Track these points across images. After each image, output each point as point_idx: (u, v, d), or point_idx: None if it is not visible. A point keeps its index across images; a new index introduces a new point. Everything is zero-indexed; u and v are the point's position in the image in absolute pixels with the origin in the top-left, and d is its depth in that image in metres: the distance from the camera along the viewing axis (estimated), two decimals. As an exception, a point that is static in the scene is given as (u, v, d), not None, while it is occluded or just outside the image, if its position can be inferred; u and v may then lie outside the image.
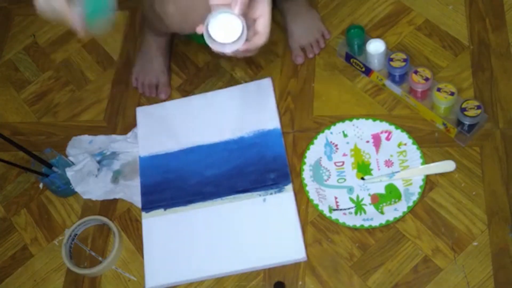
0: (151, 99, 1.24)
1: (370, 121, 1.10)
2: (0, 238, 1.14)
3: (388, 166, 1.06)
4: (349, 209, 1.03)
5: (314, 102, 1.17)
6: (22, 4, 1.48)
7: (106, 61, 1.33)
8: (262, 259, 1.01)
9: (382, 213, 1.02)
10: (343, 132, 1.11)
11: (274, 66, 1.23)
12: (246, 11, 0.72)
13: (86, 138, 1.21)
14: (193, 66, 1.27)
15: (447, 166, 1.03)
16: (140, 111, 1.21)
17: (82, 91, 1.30)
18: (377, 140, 1.09)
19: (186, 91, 1.24)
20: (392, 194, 1.03)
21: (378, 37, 1.15)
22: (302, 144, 1.12)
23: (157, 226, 1.07)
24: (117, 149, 1.18)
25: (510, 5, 1.20)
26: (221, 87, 1.21)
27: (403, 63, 1.07)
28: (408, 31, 1.21)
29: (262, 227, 1.03)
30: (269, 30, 0.75)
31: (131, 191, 1.13)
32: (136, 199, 1.12)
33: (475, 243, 0.97)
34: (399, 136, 1.08)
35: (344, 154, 1.09)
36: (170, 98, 1.24)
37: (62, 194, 1.15)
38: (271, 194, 1.06)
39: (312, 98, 1.18)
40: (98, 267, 1.04)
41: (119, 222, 1.11)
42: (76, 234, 1.11)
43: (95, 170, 1.14)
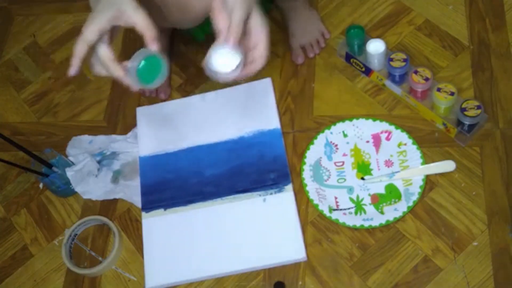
0: (151, 99, 1.24)
1: (370, 121, 1.10)
2: (0, 238, 1.14)
3: (388, 166, 1.06)
4: (349, 209, 1.03)
5: (314, 102, 1.17)
6: (22, 4, 1.48)
7: (106, 61, 1.33)
8: (262, 259, 1.01)
9: (382, 213, 1.02)
10: (343, 132, 1.11)
11: (274, 66, 1.23)
12: (242, 41, 0.78)
13: (86, 138, 1.21)
14: (193, 66, 1.27)
15: (447, 166, 1.03)
16: (140, 111, 1.21)
17: (82, 91, 1.30)
18: (377, 140, 1.09)
19: (186, 91, 1.24)
20: (392, 194, 1.03)
21: (378, 37, 1.15)
22: (302, 144, 1.12)
23: (157, 226, 1.07)
24: (117, 149, 1.18)
25: (510, 5, 1.21)
26: (221, 87, 1.21)
27: (403, 63, 1.07)
28: (408, 31, 1.21)
29: (262, 227, 1.03)
30: (266, 56, 0.79)
31: (131, 191, 1.13)
32: (136, 199, 1.12)
33: (475, 243, 0.97)
34: (399, 136, 1.08)
35: (344, 154, 1.09)
36: (170, 98, 1.24)
37: (62, 194, 1.15)
38: (271, 194, 1.06)
39: (312, 98, 1.18)
40: (98, 267, 1.04)
41: (119, 222, 1.11)
42: (76, 234, 1.11)
43: (95, 170, 1.14)
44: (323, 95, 1.17)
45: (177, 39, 1.31)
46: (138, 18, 0.75)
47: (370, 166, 1.07)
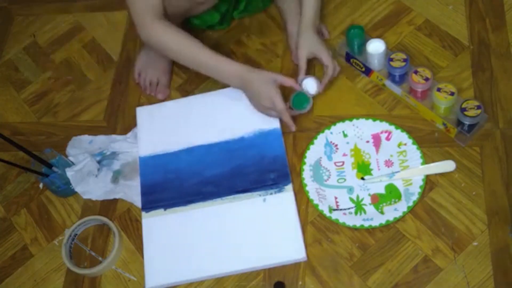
0: (151, 99, 1.24)
1: (370, 121, 1.10)
2: (0, 238, 1.14)
3: (388, 166, 1.06)
4: (349, 209, 1.03)
5: (314, 102, 1.17)
6: (22, 4, 1.48)
7: (106, 61, 1.33)
8: (262, 259, 1.01)
9: (382, 213, 1.02)
10: (343, 132, 1.11)
11: (274, 66, 1.23)
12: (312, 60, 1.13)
13: (86, 138, 1.21)
14: (193, 66, 1.27)
15: (447, 166, 1.03)
16: (140, 111, 1.21)
17: (82, 91, 1.30)
18: (377, 140, 1.09)
19: (186, 91, 1.24)
20: (392, 194, 1.03)
21: (378, 37, 1.15)
22: (302, 144, 1.12)
23: (157, 226, 1.07)
24: (117, 149, 1.18)
25: (510, 5, 1.21)
26: (221, 87, 1.21)
27: (403, 63, 1.07)
28: (408, 31, 1.21)
29: (262, 227, 1.03)
30: (332, 61, 1.09)
31: (131, 191, 1.13)
32: (136, 199, 1.12)
33: (475, 243, 0.97)
34: (399, 136, 1.08)
35: (344, 154, 1.09)
36: (170, 98, 1.24)
37: (62, 194, 1.15)
38: (271, 194, 1.06)
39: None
40: (98, 267, 1.04)
41: (119, 222, 1.11)
42: (76, 234, 1.11)
43: (95, 170, 1.14)
44: (323, 95, 1.17)
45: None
46: (285, 80, 1.06)
47: (370, 166, 1.07)
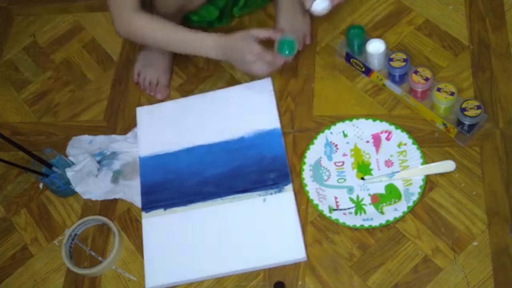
0: (151, 99, 1.24)
1: (370, 121, 1.10)
2: (0, 238, 1.14)
3: (388, 166, 1.06)
4: (349, 209, 1.03)
5: (314, 102, 1.17)
6: (22, 4, 1.48)
7: (106, 61, 1.33)
8: (262, 259, 1.01)
9: (382, 213, 1.02)
10: (343, 132, 1.11)
11: (274, 66, 1.23)
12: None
13: (86, 138, 1.21)
14: (193, 66, 1.27)
15: (447, 166, 1.03)
16: (140, 111, 1.21)
17: (82, 91, 1.30)
18: (377, 140, 1.09)
19: (186, 91, 1.24)
20: (392, 194, 1.03)
21: (378, 37, 1.15)
22: (302, 144, 1.12)
23: (157, 226, 1.07)
24: (117, 149, 1.18)
25: (510, 5, 1.20)
26: (221, 87, 1.21)
27: (403, 63, 1.07)
28: (408, 31, 1.21)
29: (262, 227, 1.03)
30: None
31: (131, 191, 1.13)
32: (136, 199, 1.12)
33: (475, 243, 0.97)
34: (399, 136, 1.08)
35: (344, 154, 1.09)
36: (170, 98, 1.24)
37: (62, 194, 1.15)
38: (271, 194, 1.06)
39: (312, 98, 1.17)
40: (98, 267, 1.04)
41: (119, 222, 1.11)
42: (76, 234, 1.11)
43: (95, 170, 1.14)
44: (323, 95, 1.17)
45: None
46: (262, 32, 1.06)
47: (370, 166, 1.07)
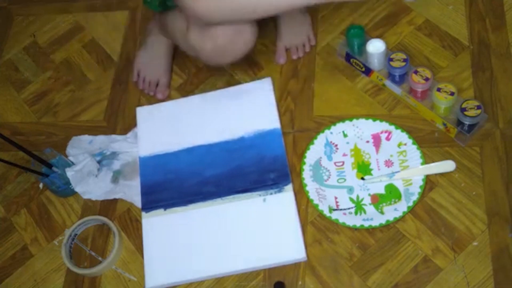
0: (151, 99, 1.24)
1: (370, 121, 1.10)
2: (0, 238, 1.14)
3: (388, 166, 1.06)
4: (349, 209, 1.03)
5: (314, 102, 1.17)
6: (22, 4, 1.48)
7: (106, 61, 1.33)
8: (262, 259, 1.01)
9: (382, 213, 1.02)
10: (343, 132, 1.11)
11: (274, 66, 1.23)
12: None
13: (86, 138, 1.21)
14: (193, 66, 1.27)
15: (447, 166, 1.03)
16: (140, 111, 1.21)
17: (82, 91, 1.30)
18: (377, 140, 1.09)
19: (186, 91, 1.24)
20: (392, 194, 1.03)
21: (378, 37, 1.15)
22: (302, 144, 1.12)
23: (157, 226, 1.07)
24: (117, 149, 1.18)
25: (510, 5, 1.21)
26: (221, 87, 1.21)
27: (403, 63, 1.07)
28: (408, 31, 1.21)
29: (262, 227, 1.03)
30: None
31: (131, 191, 1.13)
32: (136, 199, 1.12)
33: (475, 243, 0.97)
34: (399, 136, 1.08)
35: (344, 154, 1.09)
36: (170, 98, 1.24)
37: (62, 194, 1.15)
38: (271, 194, 1.06)
39: (312, 98, 1.18)
40: (98, 267, 1.04)
41: (119, 222, 1.11)
42: (76, 234, 1.11)
43: (95, 170, 1.14)
44: (323, 95, 1.17)
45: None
46: None
47: (370, 166, 1.07)
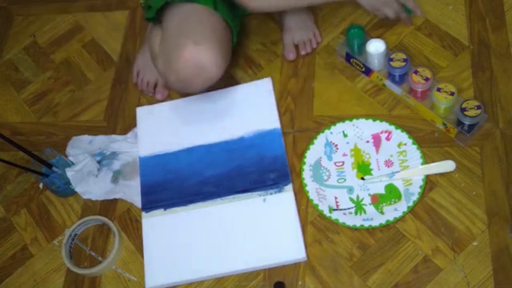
0: (151, 99, 1.24)
1: (370, 121, 1.10)
2: (0, 238, 1.14)
3: (388, 166, 1.06)
4: (349, 209, 1.03)
5: (314, 102, 1.17)
6: (22, 4, 1.48)
7: (106, 61, 1.33)
8: (262, 259, 1.01)
9: (382, 213, 1.02)
10: (343, 132, 1.11)
11: (274, 66, 1.23)
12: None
13: (86, 138, 1.21)
14: (193, 66, 1.27)
15: (447, 166, 1.03)
16: (140, 111, 1.22)
17: (82, 91, 1.30)
18: (377, 140, 1.09)
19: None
20: (392, 194, 1.03)
21: (378, 37, 1.15)
22: (302, 144, 1.12)
23: (157, 226, 1.07)
24: (117, 149, 1.18)
25: (510, 5, 1.21)
26: (221, 87, 1.21)
27: (403, 63, 1.07)
28: (408, 31, 1.21)
29: (262, 227, 1.03)
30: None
31: (131, 191, 1.13)
32: (136, 199, 1.12)
33: (475, 243, 0.97)
34: (399, 136, 1.08)
35: (344, 154, 1.09)
36: (170, 98, 1.24)
37: (62, 194, 1.15)
38: (271, 194, 1.06)
39: (312, 98, 1.18)
40: (98, 267, 1.04)
41: (119, 222, 1.11)
42: (76, 234, 1.11)
43: (95, 170, 1.14)
44: (323, 95, 1.17)
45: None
46: None
47: (370, 166, 1.07)
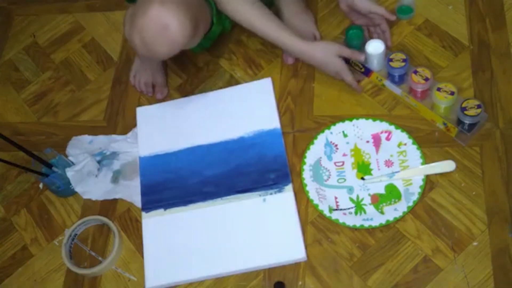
0: (151, 99, 1.24)
1: (370, 121, 1.10)
2: (0, 238, 1.14)
3: (388, 166, 1.06)
4: (349, 209, 1.03)
5: (314, 102, 1.17)
6: (22, 4, 1.48)
7: (106, 61, 1.33)
8: (262, 259, 1.01)
9: (382, 213, 1.02)
10: (343, 132, 1.11)
11: (274, 66, 1.23)
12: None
13: (86, 138, 1.21)
14: (193, 66, 1.27)
15: (447, 166, 1.03)
16: (140, 111, 1.22)
17: (82, 91, 1.30)
18: (377, 140, 1.09)
19: (186, 91, 1.24)
20: (392, 194, 1.03)
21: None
22: (302, 144, 1.12)
23: (157, 226, 1.07)
24: (117, 149, 1.18)
25: (510, 5, 1.21)
26: (221, 87, 1.21)
27: (403, 63, 1.07)
28: (408, 31, 1.21)
29: (262, 227, 1.03)
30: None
31: (131, 191, 1.13)
32: (136, 199, 1.12)
33: (475, 243, 0.97)
34: (399, 136, 1.08)
35: (344, 154, 1.09)
36: (170, 98, 1.24)
37: (62, 194, 1.15)
38: (271, 194, 1.06)
39: (312, 98, 1.18)
40: (98, 267, 1.04)
41: (119, 222, 1.11)
42: (76, 234, 1.11)
43: (95, 170, 1.15)
44: (323, 95, 1.17)
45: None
46: (348, 53, 1.11)
47: (370, 166, 1.07)
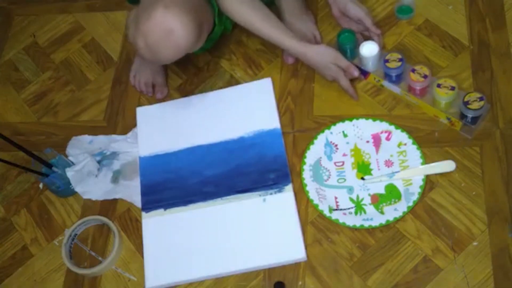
0: (151, 99, 1.24)
1: (370, 121, 1.10)
2: (0, 238, 1.14)
3: (388, 166, 1.06)
4: (349, 209, 1.03)
5: (314, 102, 1.17)
6: (22, 4, 1.48)
7: (106, 61, 1.33)
8: (262, 259, 1.01)
9: (382, 213, 1.02)
10: (343, 132, 1.11)
11: (274, 66, 1.23)
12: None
13: (86, 138, 1.21)
14: (193, 66, 1.27)
15: (447, 166, 1.03)
16: (140, 111, 1.22)
17: (82, 91, 1.30)
18: (377, 140, 1.09)
19: (186, 91, 1.24)
20: (392, 194, 1.03)
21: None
22: (302, 144, 1.12)
23: (157, 226, 1.07)
24: (117, 149, 1.18)
25: (510, 5, 1.20)
26: (221, 87, 1.21)
27: (399, 63, 1.07)
28: (408, 31, 1.21)
29: (262, 227, 1.03)
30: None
31: (131, 191, 1.13)
32: (136, 199, 1.12)
33: (475, 243, 0.97)
34: (399, 136, 1.08)
35: (344, 154, 1.09)
36: (170, 98, 1.24)
37: (62, 194, 1.15)
38: (271, 194, 1.06)
39: (312, 98, 1.17)
40: (98, 267, 1.04)
41: (119, 222, 1.11)
42: (76, 234, 1.11)
43: (95, 170, 1.15)
44: (323, 95, 1.17)
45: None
46: (344, 63, 1.11)
47: (370, 166, 1.07)
